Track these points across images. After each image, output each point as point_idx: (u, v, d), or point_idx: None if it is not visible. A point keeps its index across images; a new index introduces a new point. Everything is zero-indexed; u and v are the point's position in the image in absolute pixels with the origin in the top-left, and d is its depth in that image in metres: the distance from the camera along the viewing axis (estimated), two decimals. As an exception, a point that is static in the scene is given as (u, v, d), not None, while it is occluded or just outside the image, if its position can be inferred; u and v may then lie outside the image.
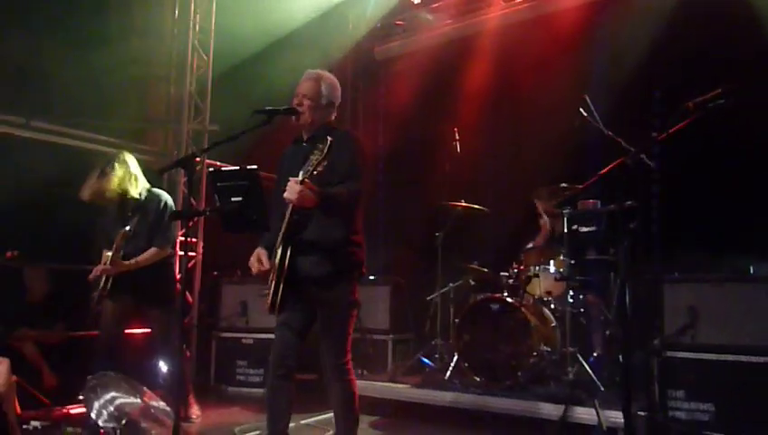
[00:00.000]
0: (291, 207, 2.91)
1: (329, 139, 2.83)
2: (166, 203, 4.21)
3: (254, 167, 2.97)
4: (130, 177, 4.14)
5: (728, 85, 2.67)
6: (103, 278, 4.07)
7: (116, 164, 4.13)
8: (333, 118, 3.26)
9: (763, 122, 4.54)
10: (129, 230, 4.01)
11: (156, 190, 4.31)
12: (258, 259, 3.12)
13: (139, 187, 4.20)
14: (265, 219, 3.02)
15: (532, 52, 6.07)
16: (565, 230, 4.37)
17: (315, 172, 2.81)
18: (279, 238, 2.99)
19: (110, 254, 4.02)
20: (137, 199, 4.18)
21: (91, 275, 4.11)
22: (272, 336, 5.32)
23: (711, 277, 4.34)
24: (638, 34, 5.32)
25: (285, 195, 2.81)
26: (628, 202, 3.35)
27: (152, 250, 4.13)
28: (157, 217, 4.14)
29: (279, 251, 2.97)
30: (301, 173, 2.80)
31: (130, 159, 4.23)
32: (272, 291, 2.97)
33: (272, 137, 3.49)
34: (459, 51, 6.55)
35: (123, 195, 4.14)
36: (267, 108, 3.00)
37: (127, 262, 4.07)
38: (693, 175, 5.08)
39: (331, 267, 3.04)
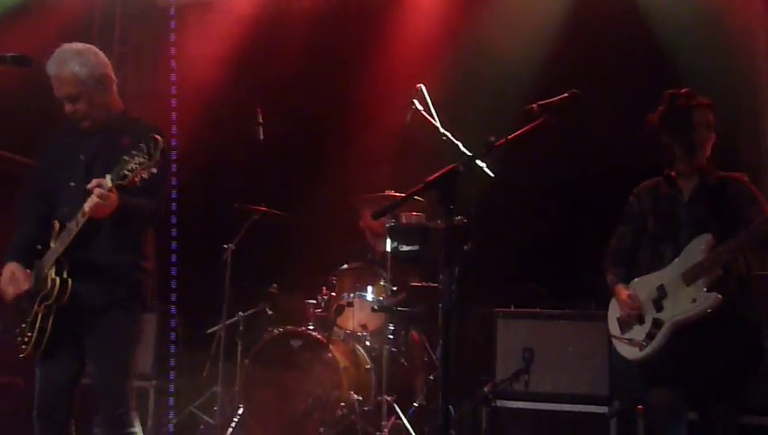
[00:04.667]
0: (84, 217, 2.95)
1: (158, 138, 2.84)
2: None
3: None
4: None
5: (576, 90, 2.98)
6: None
7: None
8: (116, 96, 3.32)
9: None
10: None
11: None
12: (13, 278, 3.14)
13: None
14: None
15: (371, 21, 6.23)
16: (387, 248, 4.58)
17: (137, 180, 2.83)
18: (51, 256, 3.07)
19: None
20: None
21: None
22: None
23: (551, 313, 4.85)
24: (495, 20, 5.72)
25: (88, 205, 2.87)
26: (459, 217, 3.60)
27: None
28: None
29: (51, 272, 3.05)
30: (109, 177, 2.84)
31: None
32: (37, 325, 3.05)
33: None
34: (277, 10, 6.53)
35: None
36: None
37: None
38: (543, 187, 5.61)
39: (112, 297, 3.14)
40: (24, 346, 3.11)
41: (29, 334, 3.08)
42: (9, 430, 4.76)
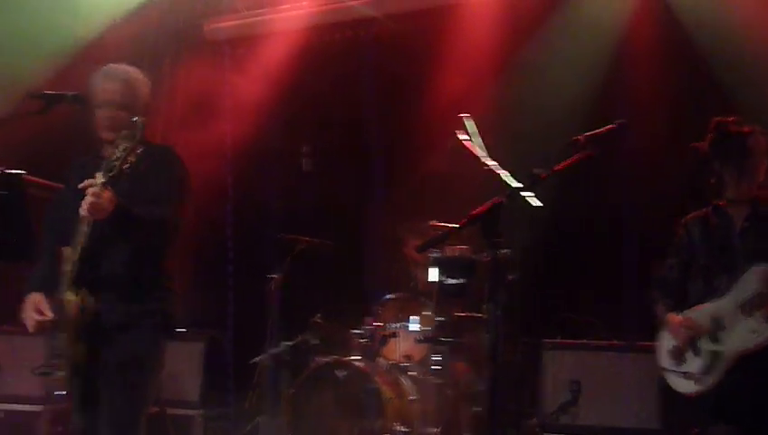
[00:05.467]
0: (89, 226, 2.86)
1: (137, 120, 2.83)
2: None
3: (19, 172, 2.85)
4: None
5: (623, 120, 2.97)
6: None
7: None
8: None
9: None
10: None
11: None
12: (36, 308, 2.98)
13: None
14: (31, 245, 2.90)
15: (415, 53, 6.27)
16: (430, 280, 4.56)
17: (125, 167, 2.79)
18: (64, 280, 2.93)
19: None
20: None
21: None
22: (29, 408, 4.96)
23: (599, 345, 4.78)
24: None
25: (83, 207, 2.76)
26: (505, 251, 3.57)
27: None
28: None
29: (68, 295, 2.92)
30: (99, 174, 2.78)
31: None
32: (67, 354, 2.91)
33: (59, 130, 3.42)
34: (322, 43, 6.64)
35: None
36: (47, 91, 3.02)
37: None
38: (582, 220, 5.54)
39: (131, 315, 3.01)
40: (58, 381, 3.01)
41: (61, 366, 2.98)
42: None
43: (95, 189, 2.74)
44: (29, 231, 3.00)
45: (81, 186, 2.78)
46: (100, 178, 2.77)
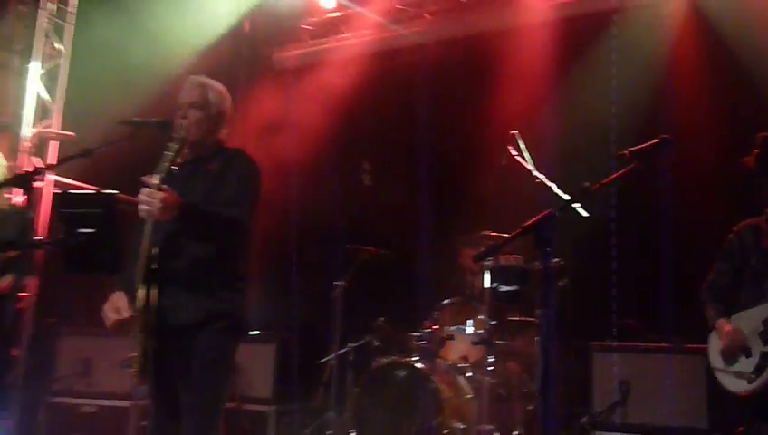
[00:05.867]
0: (151, 225, 2.83)
1: (182, 122, 2.88)
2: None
3: (113, 192, 2.93)
4: None
5: (666, 135, 2.96)
6: None
7: None
8: (223, 135, 3.26)
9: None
10: None
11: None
12: (115, 307, 2.94)
13: None
14: (119, 260, 2.96)
15: (467, 76, 6.39)
16: (485, 286, 4.60)
17: (175, 167, 2.83)
18: (139, 274, 2.85)
19: None
20: None
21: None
22: (122, 403, 5.15)
23: (648, 347, 4.74)
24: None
25: (142, 207, 2.73)
26: (556, 260, 3.63)
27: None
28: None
29: (141, 292, 2.84)
30: (155, 176, 2.77)
31: None
32: (140, 349, 2.83)
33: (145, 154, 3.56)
34: (380, 68, 6.77)
35: None
36: (135, 119, 3.08)
37: None
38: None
39: (204, 313, 2.94)
40: (139, 371, 2.88)
41: (137, 359, 2.87)
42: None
43: (149, 190, 2.70)
44: (120, 246, 3.08)
45: (142, 178, 2.75)
46: (155, 179, 2.75)
